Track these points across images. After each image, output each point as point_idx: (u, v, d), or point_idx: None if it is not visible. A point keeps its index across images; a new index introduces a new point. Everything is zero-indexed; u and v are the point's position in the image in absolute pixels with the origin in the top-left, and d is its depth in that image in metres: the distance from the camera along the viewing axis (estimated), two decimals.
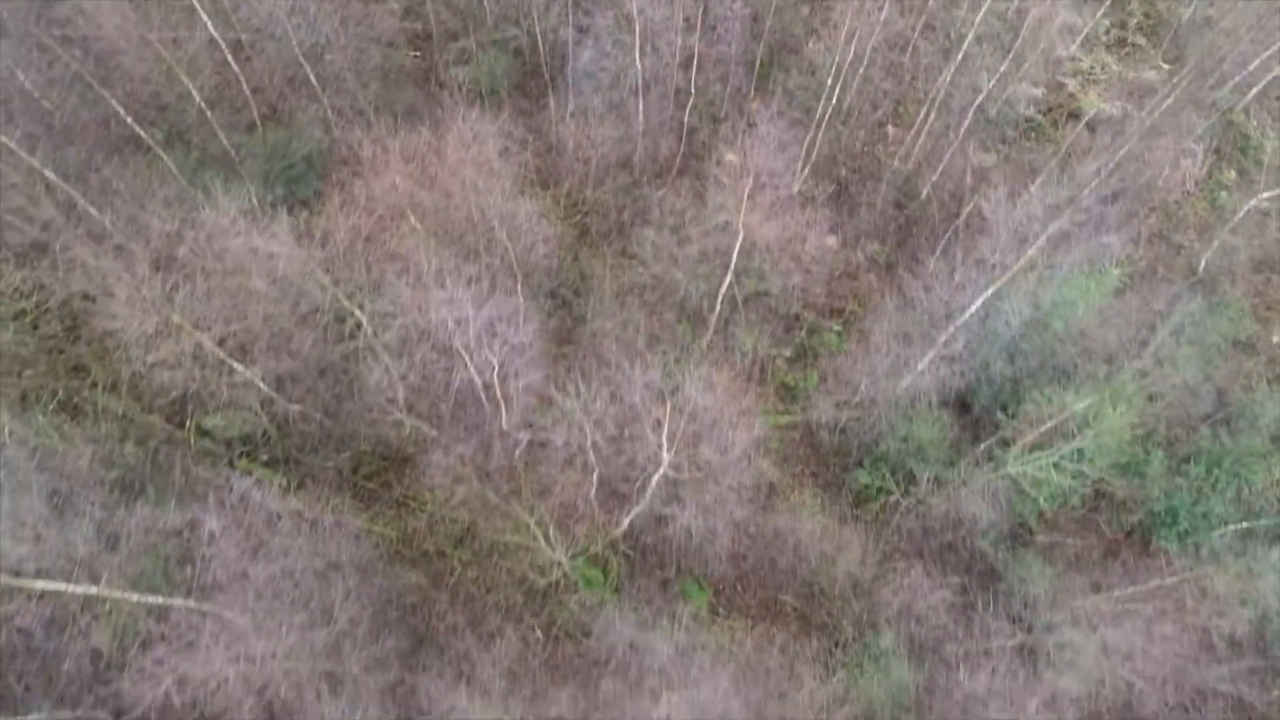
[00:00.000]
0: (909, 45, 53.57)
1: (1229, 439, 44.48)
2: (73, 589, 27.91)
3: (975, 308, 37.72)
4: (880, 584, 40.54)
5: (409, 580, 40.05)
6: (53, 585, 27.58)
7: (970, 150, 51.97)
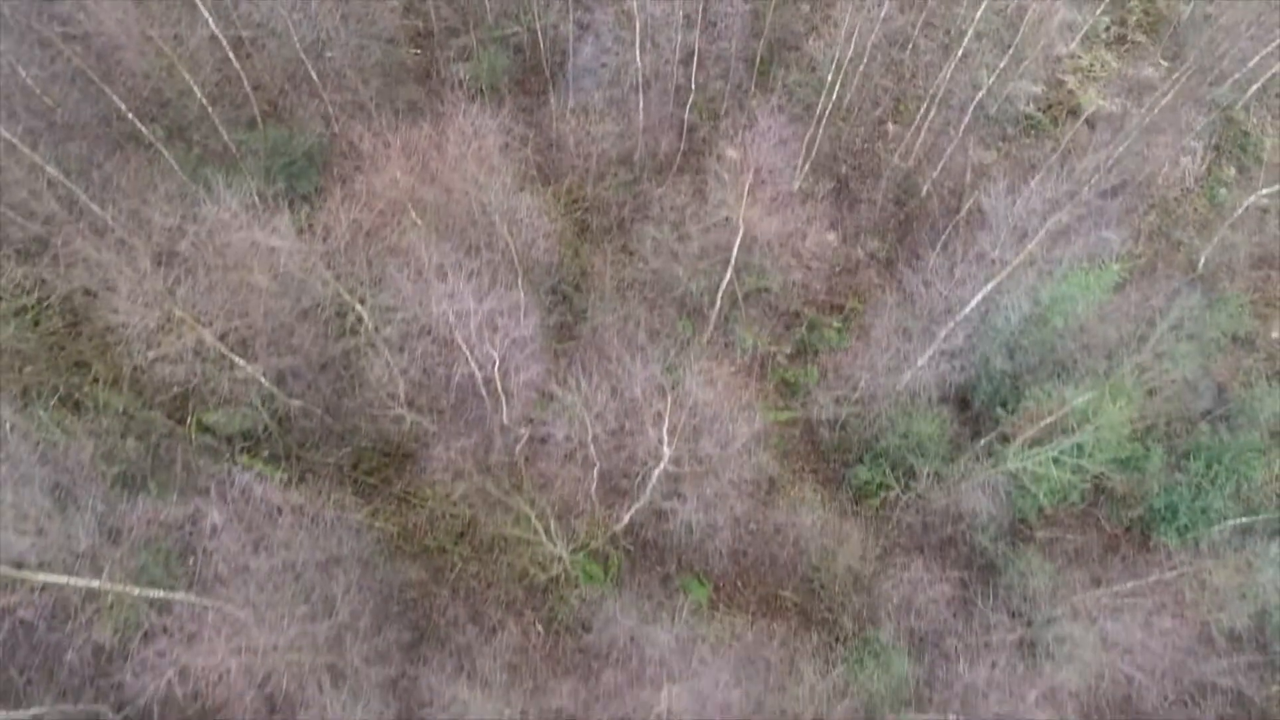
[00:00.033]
0: (909, 42, 53.61)
1: (1228, 435, 44.60)
2: (74, 582, 27.91)
3: (975, 302, 37.77)
4: (880, 579, 40.56)
5: (410, 575, 40.06)
6: (54, 578, 27.57)
7: (970, 147, 51.99)
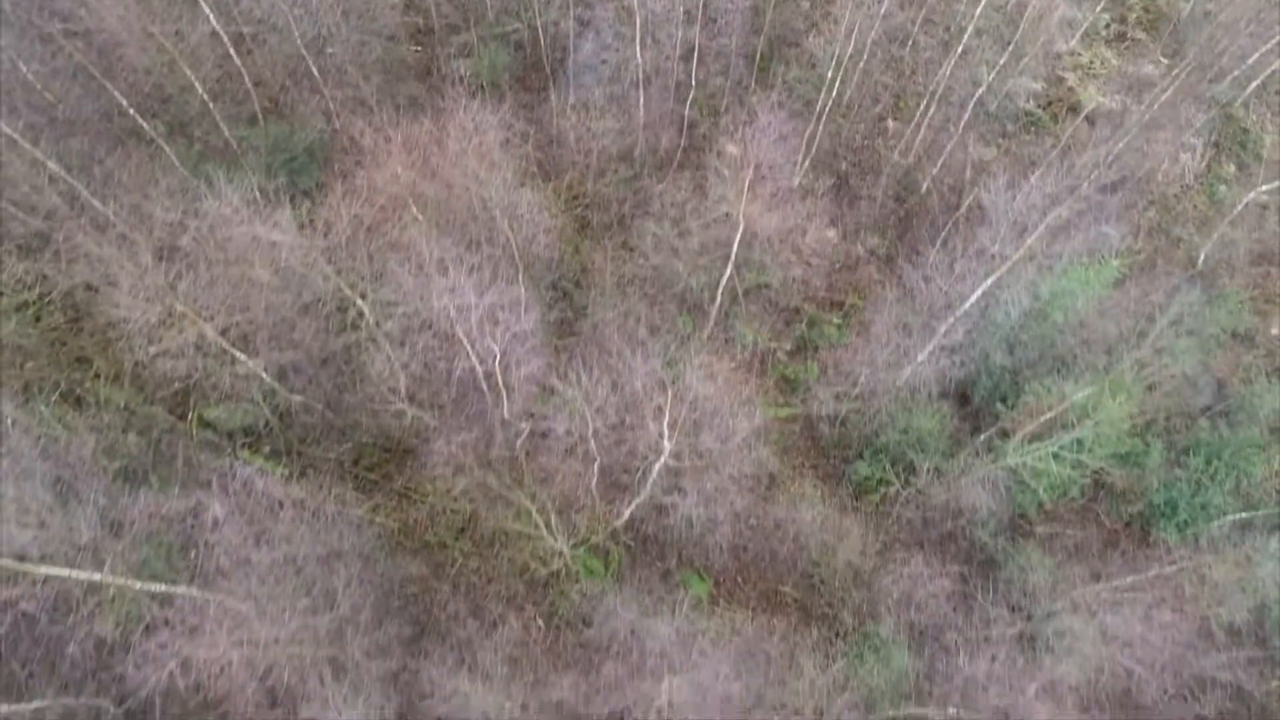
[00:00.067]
0: (909, 39, 53.68)
1: (1228, 431, 44.64)
2: (76, 575, 28.00)
3: (975, 298, 37.82)
4: (880, 574, 40.60)
5: (410, 571, 40.10)
6: (57, 570, 27.66)
7: (970, 144, 52.06)
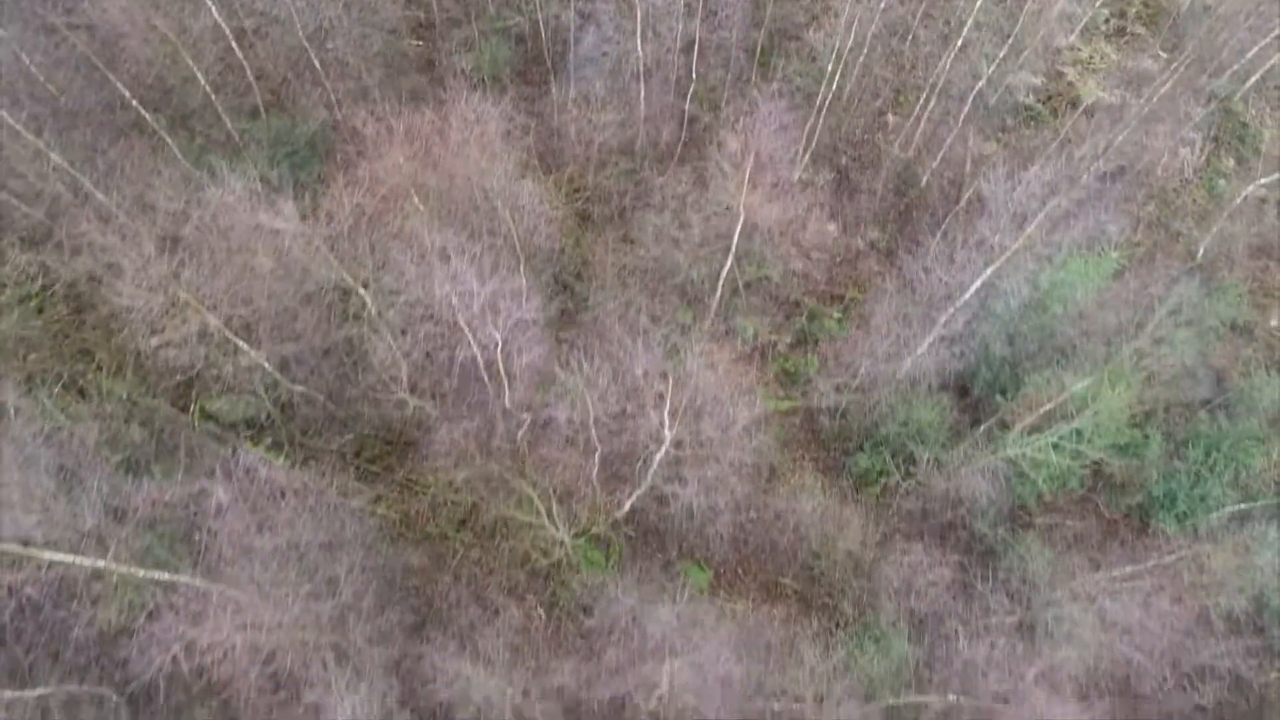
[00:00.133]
0: (909, 33, 53.82)
1: (1227, 423, 44.69)
2: (80, 561, 28.11)
3: (975, 288, 37.92)
4: (880, 565, 40.70)
5: (412, 562, 40.21)
6: (60, 556, 27.76)
7: (970, 138, 52.13)
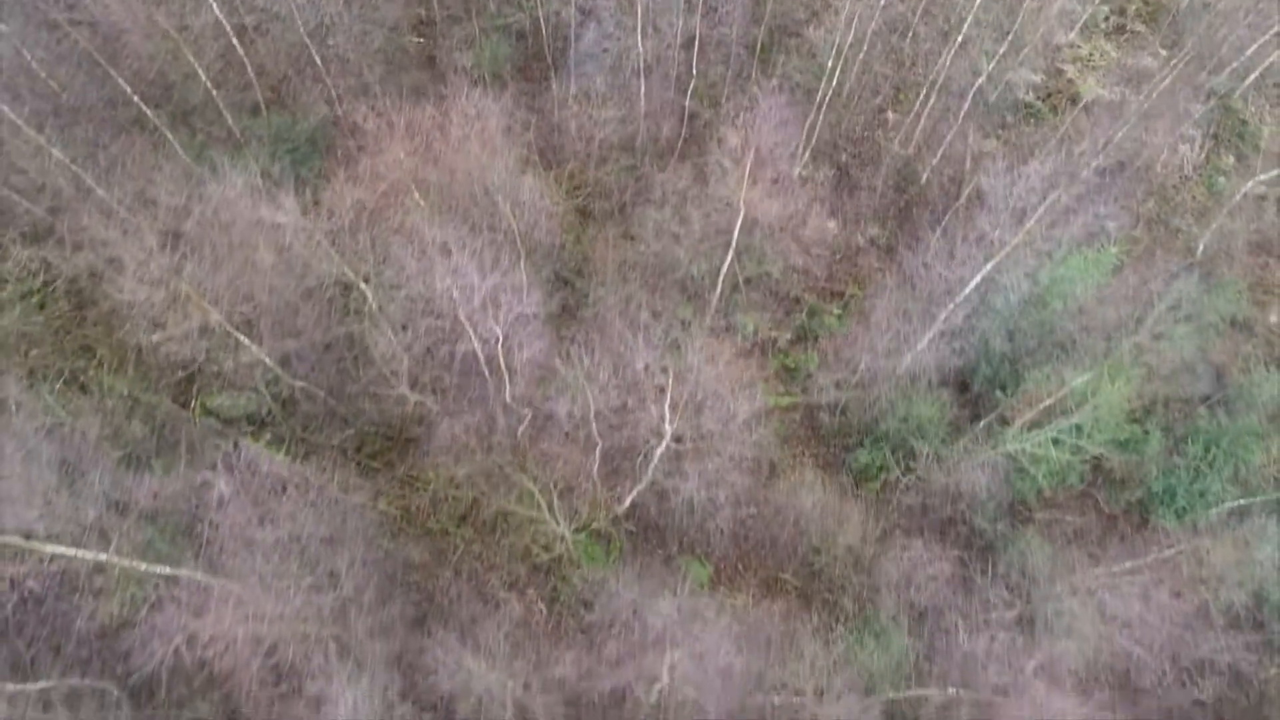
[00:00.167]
0: (909, 30, 53.89)
1: (1227, 419, 44.72)
2: (82, 554, 28.17)
3: (975, 282, 38.00)
4: (880, 560, 40.77)
5: (413, 557, 40.29)
6: (62, 549, 27.82)
7: (970, 135, 52.21)
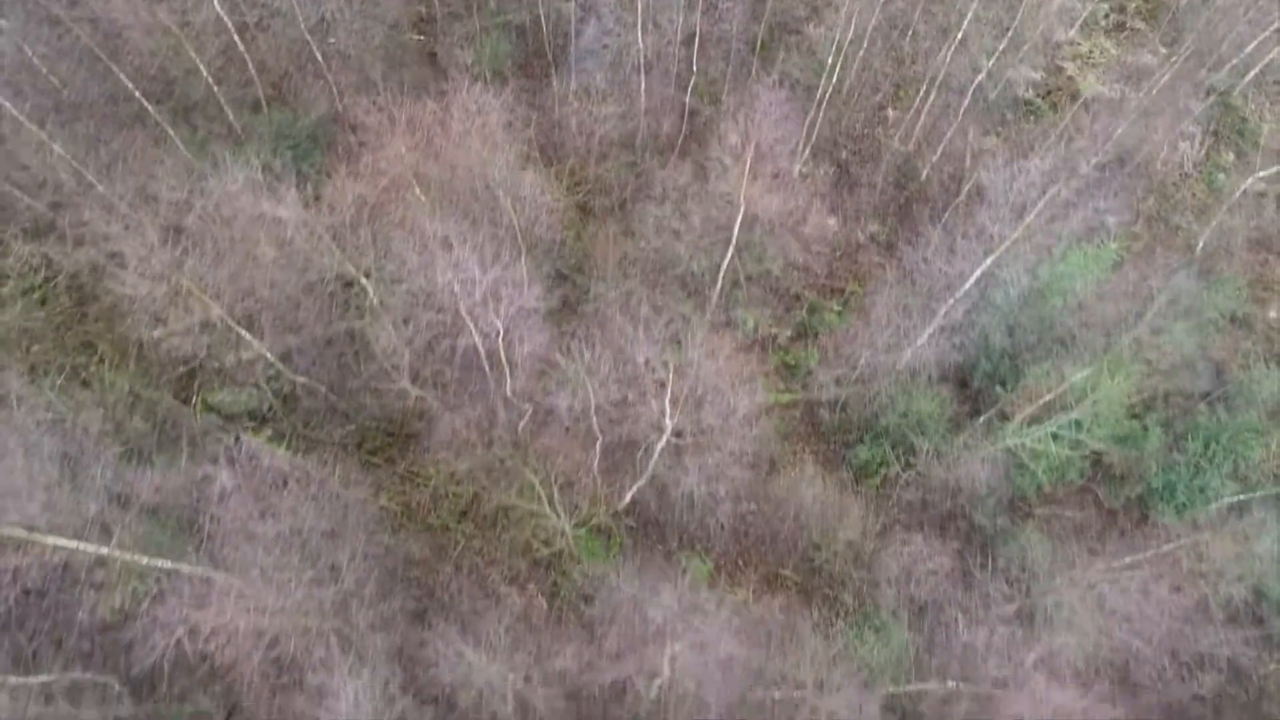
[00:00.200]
0: (909, 27, 53.95)
1: (1226, 415, 44.80)
2: (84, 547, 28.23)
3: (975, 277, 38.06)
4: (880, 555, 40.83)
5: (414, 552, 40.36)
6: (64, 542, 27.88)
7: (970, 132, 52.25)
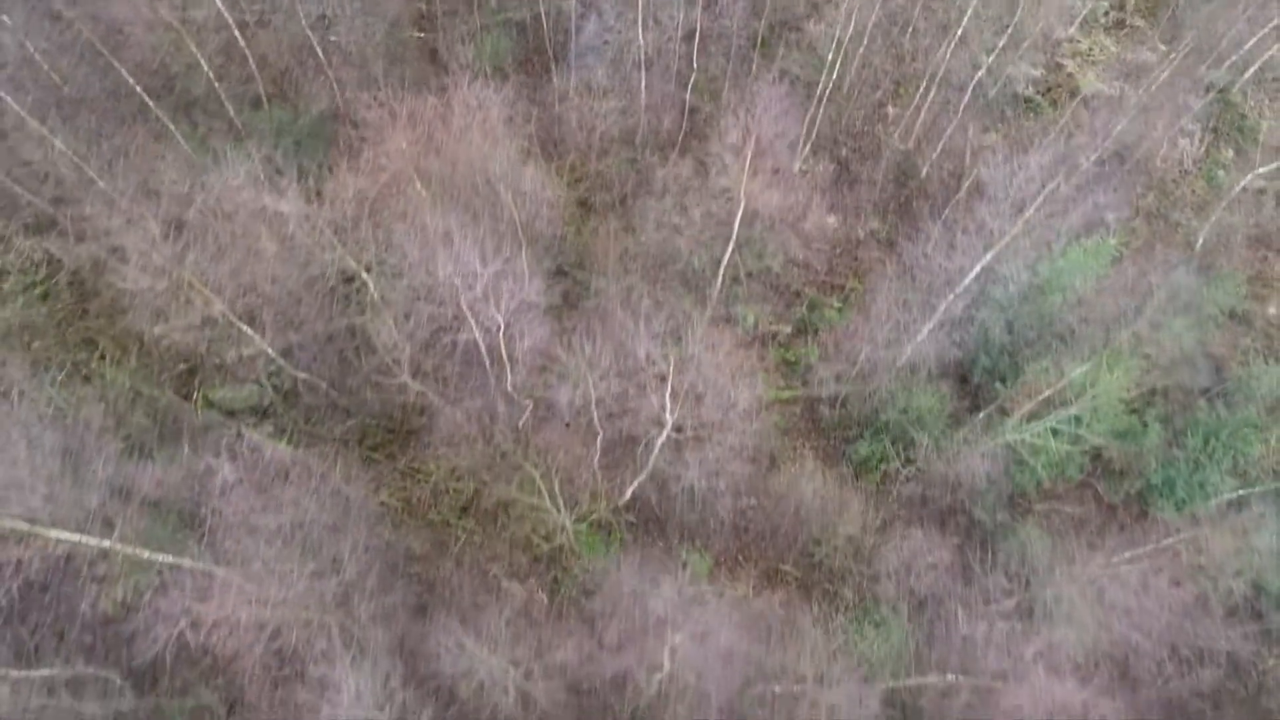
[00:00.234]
0: (909, 24, 54.01)
1: (1226, 411, 44.88)
2: (86, 540, 28.27)
3: (975, 272, 38.14)
4: (880, 550, 40.92)
5: (414, 547, 40.43)
6: (66, 535, 27.89)
7: (970, 129, 52.32)
